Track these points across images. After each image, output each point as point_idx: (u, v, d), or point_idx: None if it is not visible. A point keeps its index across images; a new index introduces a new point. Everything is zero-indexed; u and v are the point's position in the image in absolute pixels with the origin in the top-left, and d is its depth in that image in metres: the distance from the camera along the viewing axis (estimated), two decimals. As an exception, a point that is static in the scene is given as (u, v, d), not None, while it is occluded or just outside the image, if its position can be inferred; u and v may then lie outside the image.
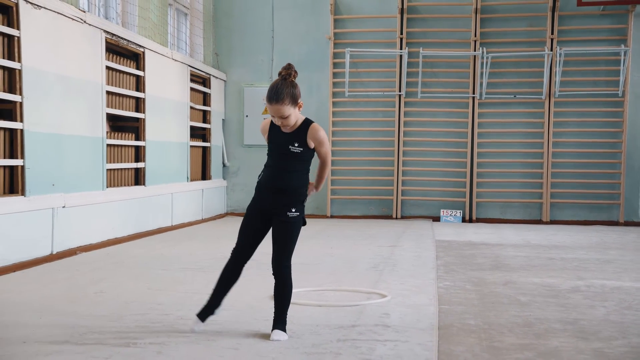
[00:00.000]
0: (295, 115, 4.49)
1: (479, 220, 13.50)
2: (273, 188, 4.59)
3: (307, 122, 4.57)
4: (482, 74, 13.28)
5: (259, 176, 4.70)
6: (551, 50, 13.16)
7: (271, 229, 4.64)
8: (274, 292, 4.61)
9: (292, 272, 4.60)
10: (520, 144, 13.57)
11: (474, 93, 13.43)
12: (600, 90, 13.25)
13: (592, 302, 5.95)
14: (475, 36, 13.36)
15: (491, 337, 4.68)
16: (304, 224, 4.68)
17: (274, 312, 4.59)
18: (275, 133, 4.61)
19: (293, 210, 4.56)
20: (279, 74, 4.49)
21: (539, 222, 13.37)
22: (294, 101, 4.46)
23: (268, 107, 4.46)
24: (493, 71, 13.35)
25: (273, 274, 4.59)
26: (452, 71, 13.65)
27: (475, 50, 13.34)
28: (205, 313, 4.69)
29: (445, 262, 8.15)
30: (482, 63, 13.21)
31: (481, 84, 13.34)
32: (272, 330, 4.53)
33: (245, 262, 4.70)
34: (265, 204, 4.61)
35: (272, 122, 4.61)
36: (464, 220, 13.44)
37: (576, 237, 11.08)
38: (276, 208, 4.58)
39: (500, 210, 13.62)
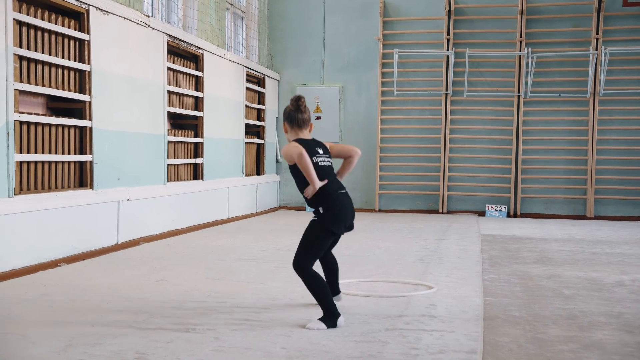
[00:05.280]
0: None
1: (523, 215, 13.55)
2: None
3: None
4: (527, 73, 13.30)
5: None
6: (596, 50, 13.12)
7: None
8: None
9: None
10: (565, 141, 13.55)
11: (519, 92, 13.47)
12: (645, 89, 13.20)
13: (637, 296, 5.90)
14: (521, 37, 13.41)
15: (536, 329, 4.69)
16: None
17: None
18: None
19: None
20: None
21: (583, 217, 13.36)
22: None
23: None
24: (538, 70, 13.35)
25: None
26: (498, 70, 13.69)
27: (520, 51, 13.38)
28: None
29: (490, 255, 8.22)
30: (528, 63, 13.23)
31: (526, 83, 13.38)
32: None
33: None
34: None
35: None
36: (508, 215, 13.51)
37: (620, 232, 11.01)
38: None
39: (544, 206, 13.64)
